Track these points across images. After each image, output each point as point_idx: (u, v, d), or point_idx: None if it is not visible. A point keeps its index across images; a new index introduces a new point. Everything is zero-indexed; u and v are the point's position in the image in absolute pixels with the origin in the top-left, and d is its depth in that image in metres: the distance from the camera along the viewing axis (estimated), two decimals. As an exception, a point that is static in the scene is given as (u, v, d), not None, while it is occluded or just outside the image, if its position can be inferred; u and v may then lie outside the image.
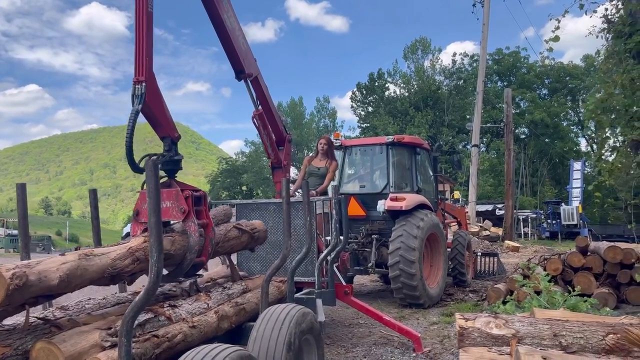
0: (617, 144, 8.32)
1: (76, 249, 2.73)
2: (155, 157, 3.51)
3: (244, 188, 55.16)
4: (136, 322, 2.66)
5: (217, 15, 4.76)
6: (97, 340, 2.58)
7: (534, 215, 32.30)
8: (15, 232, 32.33)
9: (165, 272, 3.39)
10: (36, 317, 2.86)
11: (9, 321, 2.82)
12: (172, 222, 3.49)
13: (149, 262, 2.77)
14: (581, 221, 28.22)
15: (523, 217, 31.16)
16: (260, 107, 5.73)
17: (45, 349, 2.43)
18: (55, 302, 3.55)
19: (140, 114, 3.39)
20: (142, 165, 3.45)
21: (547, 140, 47.41)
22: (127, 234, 22.65)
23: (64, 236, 66.98)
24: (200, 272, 4.92)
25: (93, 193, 3.99)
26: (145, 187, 3.29)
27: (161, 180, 3.48)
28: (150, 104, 3.37)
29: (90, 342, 2.55)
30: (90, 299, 3.45)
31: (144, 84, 3.32)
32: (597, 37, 7.31)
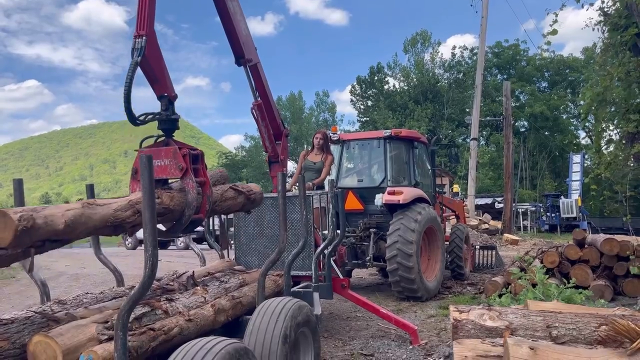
0: (614, 137, 8.33)
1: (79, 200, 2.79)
2: (151, 116, 3.56)
3: (243, 182, 55.14)
4: (133, 316, 2.69)
5: None
6: (93, 334, 2.61)
7: (534, 208, 32.31)
8: (15, 227, 32.34)
9: (163, 227, 3.49)
10: (34, 312, 2.89)
11: (6, 315, 2.85)
12: (170, 181, 3.56)
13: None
14: (580, 214, 28.24)
15: (522, 210, 31.17)
16: (259, 97, 5.76)
17: (42, 342, 2.46)
18: (53, 296, 3.60)
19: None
20: (141, 119, 3.51)
21: (546, 133, 47.39)
22: (127, 229, 22.58)
23: (65, 232, 67.13)
24: (199, 265, 4.97)
25: (90, 188, 4.00)
26: (143, 145, 3.55)
27: (159, 139, 3.57)
28: (149, 59, 3.42)
29: (87, 335, 2.58)
30: (88, 293, 3.49)
31: (144, 38, 3.38)
32: (594, 29, 7.30)
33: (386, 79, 52.51)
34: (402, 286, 7.30)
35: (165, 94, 3.62)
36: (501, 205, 25.96)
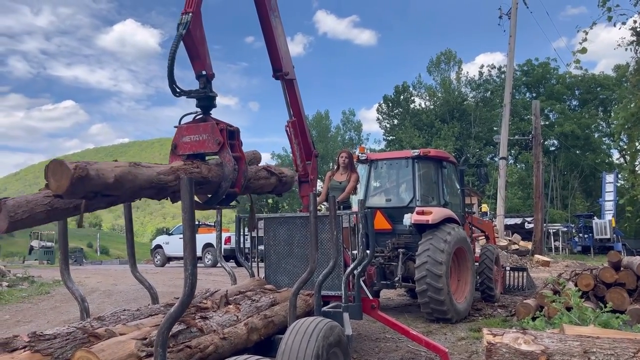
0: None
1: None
2: (188, 90, 3.70)
3: (269, 201, 55.48)
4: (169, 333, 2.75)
5: (265, 12, 5.15)
6: (133, 350, 2.68)
7: (565, 229, 31.58)
8: (49, 244, 33.22)
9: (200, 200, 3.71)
10: (75, 327, 2.99)
11: (49, 330, 2.95)
12: (207, 158, 3.72)
13: None
14: (615, 235, 27.47)
15: (553, 230, 30.50)
16: (293, 115, 5.92)
17: (84, 357, 2.53)
18: (93, 312, 3.70)
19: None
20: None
21: (577, 152, 46.48)
22: (157, 246, 22.87)
23: (95, 248, 68.32)
24: (227, 283, 5.03)
25: (127, 207, 4.11)
26: (182, 121, 3.70)
27: (197, 116, 3.72)
28: (193, 35, 3.61)
29: (127, 351, 2.65)
30: (125, 309, 3.58)
31: (190, 14, 3.58)
32: (626, 49, 7.21)
33: (412, 98, 52.54)
34: (431, 307, 7.22)
35: (204, 73, 3.75)
36: (531, 225, 25.44)
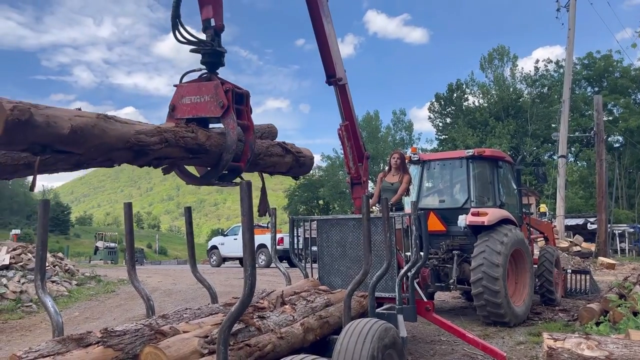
0: None
1: None
2: (196, 40, 3.27)
3: (320, 202, 55.85)
4: (230, 331, 2.86)
5: (319, 18, 5.23)
6: (196, 347, 2.81)
7: (632, 230, 29.94)
8: (112, 244, 34.93)
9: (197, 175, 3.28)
10: (142, 324, 3.16)
11: (119, 327, 3.14)
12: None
13: (179, 149, 2.75)
14: (687, 236, 25.80)
15: (619, 231, 28.98)
16: (345, 119, 6.00)
17: (152, 353, 2.68)
18: (156, 310, 3.89)
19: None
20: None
21: (645, 148, 43.91)
22: (212, 247, 23.48)
23: (154, 249, 71.07)
24: (280, 284, 5.14)
25: (188, 211, 4.27)
26: (183, 80, 3.25)
27: (203, 74, 3.29)
28: None
29: (191, 348, 2.78)
30: (187, 308, 3.74)
31: None
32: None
33: (465, 96, 51.44)
34: (488, 310, 7.06)
35: (212, 22, 3.25)
36: (594, 226, 24.30)
